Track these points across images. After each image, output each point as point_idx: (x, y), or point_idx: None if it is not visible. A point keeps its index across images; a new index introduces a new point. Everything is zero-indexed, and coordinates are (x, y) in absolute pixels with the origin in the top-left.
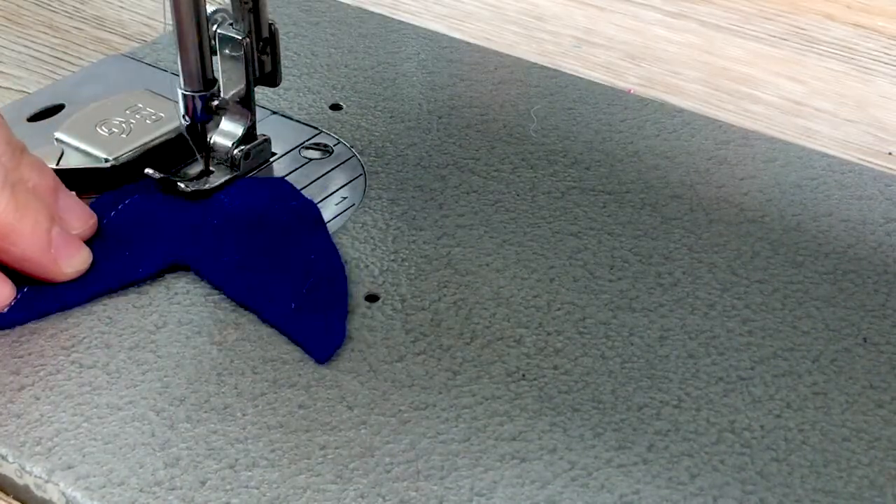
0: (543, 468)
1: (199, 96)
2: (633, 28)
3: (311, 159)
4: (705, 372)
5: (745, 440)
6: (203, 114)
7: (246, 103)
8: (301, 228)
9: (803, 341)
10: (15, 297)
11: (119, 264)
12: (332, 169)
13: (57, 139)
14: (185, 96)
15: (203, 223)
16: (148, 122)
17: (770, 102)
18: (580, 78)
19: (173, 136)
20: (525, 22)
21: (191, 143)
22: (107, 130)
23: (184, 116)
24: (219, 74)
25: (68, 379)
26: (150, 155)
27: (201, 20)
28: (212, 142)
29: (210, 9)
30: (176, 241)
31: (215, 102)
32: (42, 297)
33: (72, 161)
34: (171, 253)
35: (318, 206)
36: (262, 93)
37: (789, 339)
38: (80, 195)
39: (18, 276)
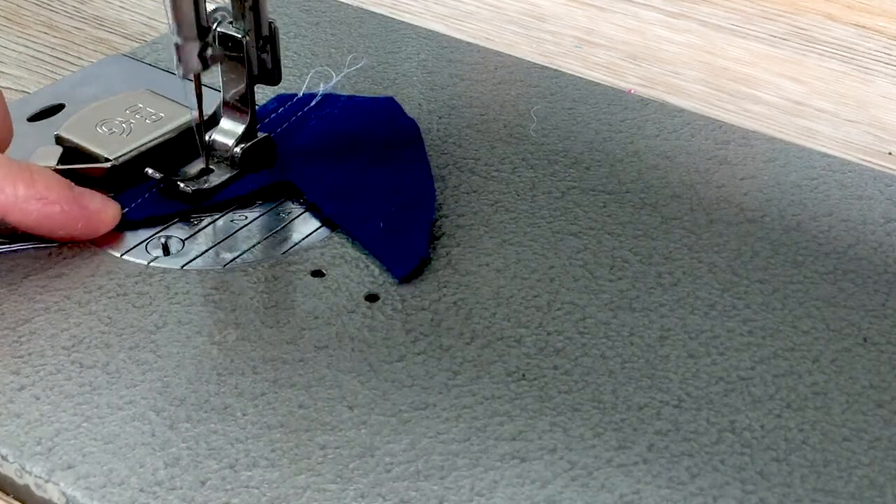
0: (543, 468)
1: (193, 44)
2: (633, 28)
3: None
4: (705, 372)
5: (745, 440)
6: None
7: (246, 102)
8: (399, 148)
9: (803, 341)
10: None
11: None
12: None
13: (57, 139)
14: (178, 46)
15: (310, 143)
16: (148, 122)
17: (770, 102)
18: (580, 78)
19: (173, 136)
20: (525, 22)
21: (197, 137)
22: (107, 130)
23: (177, 67)
24: (219, 74)
25: (68, 379)
26: (151, 155)
27: None
28: (212, 140)
29: (210, 7)
30: (284, 159)
31: (209, 52)
32: (161, 203)
33: (72, 161)
34: (278, 171)
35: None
36: (262, 92)
37: (789, 339)
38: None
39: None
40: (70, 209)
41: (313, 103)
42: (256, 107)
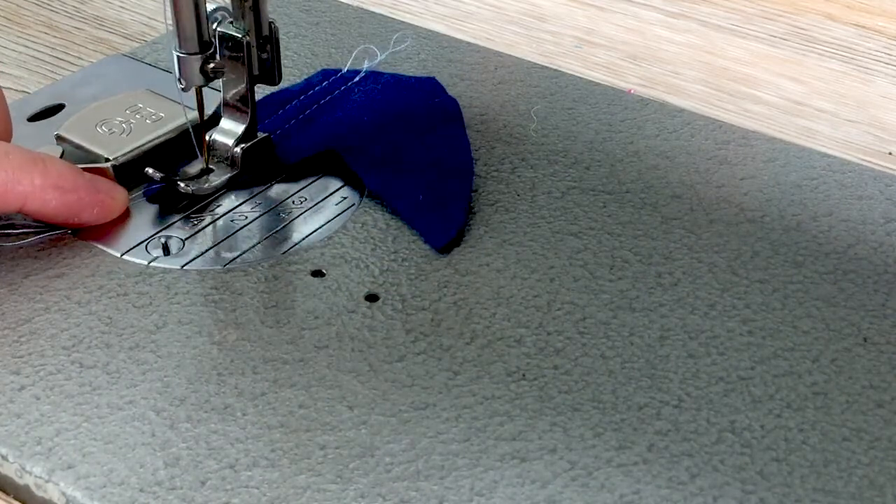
0: (543, 468)
1: (195, 58)
2: (633, 28)
3: None
4: (705, 372)
5: (745, 440)
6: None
7: (246, 102)
8: (439, 125)
9: (803, 341)
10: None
11: (278, 149)
12: None
13: (57, 138)
14: (179, 58)
15: (354, 115)
16: (148, 122)
17: (770, 102)
18: (580, 78)
19: (173, 136)
20: (526, 22)
21: (193, 139)
22: (107, 130)
23: (179, 80)
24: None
25: (68, 379)
26: (151, 155)
27: None
28: (211, 140)
29: (210, 7)
30: (330, 130)
31: (211, 65)
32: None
33: (72, 161)
34: (325, 142)
35: (318, 206)
36: (261, 90)
37: (789, 339)
38: None
39: None
40: (85, 195)
41: (357, 79)
42: (301, 80)
